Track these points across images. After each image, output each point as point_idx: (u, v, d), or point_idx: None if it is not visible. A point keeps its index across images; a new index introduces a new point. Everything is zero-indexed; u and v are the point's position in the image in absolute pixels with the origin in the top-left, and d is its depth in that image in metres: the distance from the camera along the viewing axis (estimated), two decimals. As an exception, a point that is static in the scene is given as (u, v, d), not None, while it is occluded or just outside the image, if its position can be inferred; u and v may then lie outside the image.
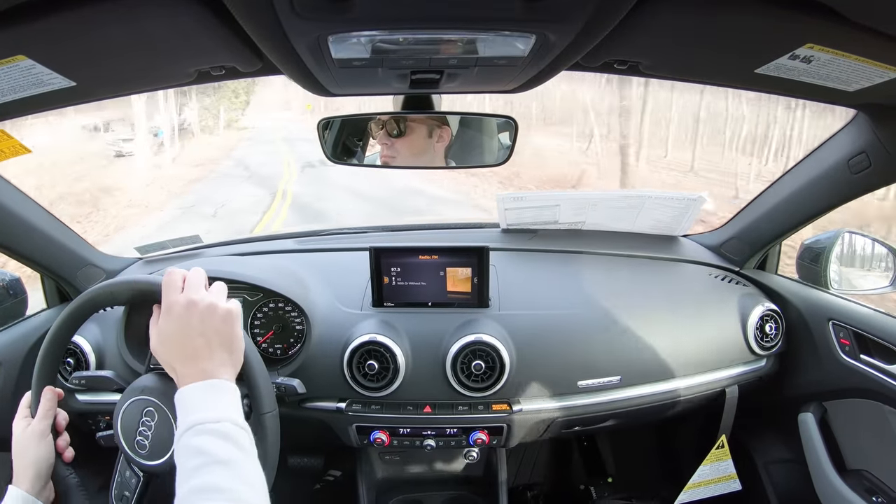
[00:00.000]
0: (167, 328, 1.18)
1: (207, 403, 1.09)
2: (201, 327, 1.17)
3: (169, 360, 1.17)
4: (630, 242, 2.22)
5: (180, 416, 1.08)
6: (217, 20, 0.94)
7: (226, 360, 1.18)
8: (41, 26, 0.87)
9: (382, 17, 0.92)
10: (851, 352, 1.87)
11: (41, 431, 1.31)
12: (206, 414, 1.06)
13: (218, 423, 1.05)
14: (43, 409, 1.33)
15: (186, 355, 1.15)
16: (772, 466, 2.25)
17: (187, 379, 1.12)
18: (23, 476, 1.26)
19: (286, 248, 2.29)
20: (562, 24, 0.93)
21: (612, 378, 1.84)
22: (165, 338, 1.18)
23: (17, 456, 1.29)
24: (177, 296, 1.20)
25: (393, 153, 1.72)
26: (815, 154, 1.82)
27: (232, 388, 1.14)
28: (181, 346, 1.16)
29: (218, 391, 1.12)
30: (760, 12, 0.91)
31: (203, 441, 1.01)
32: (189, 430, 1.03)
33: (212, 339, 1.18)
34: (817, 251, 2.01)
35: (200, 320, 1.18)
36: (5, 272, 1.97)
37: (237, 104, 43.97)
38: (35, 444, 1.29)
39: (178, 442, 1.04)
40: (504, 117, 1.67)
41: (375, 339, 1.76)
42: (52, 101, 1.20)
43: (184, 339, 1.16)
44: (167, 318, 1.18)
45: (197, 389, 1.11)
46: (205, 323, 1.18)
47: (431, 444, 1.87)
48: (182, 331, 1.17)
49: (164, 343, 1.18)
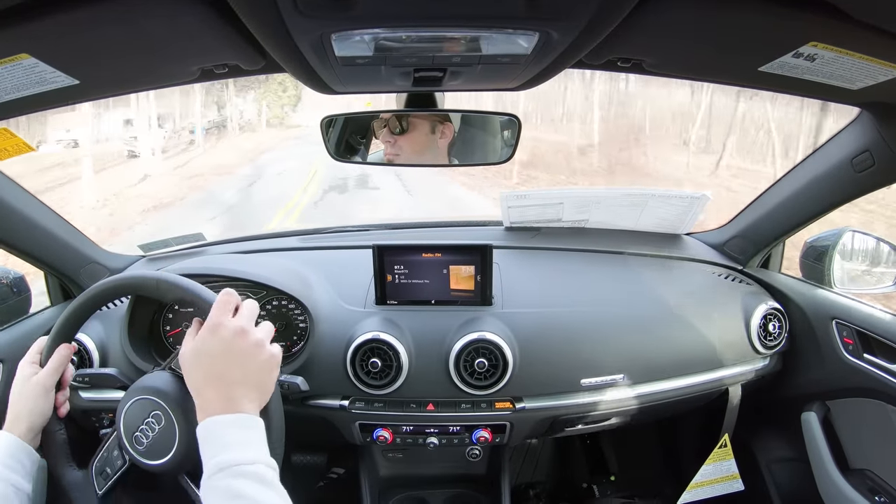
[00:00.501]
0: (208, 346, 1.16)
1: (240, 441, 1.07)
2: (243, 359, 1.16)
3: (198, 377, 1.15)
4: (633, 240, 2.22)
5: (208, 450, 1.06)
6: (220, 18, 0.94)
7: (254, 398, 1.17)
8: (44, 25, 0.87)
9: (385, 14, 0.92)
10: (855, 351, 1.86)
11: (47, 386, 1.31)
12: (241, 454, 1.04)
13: (253, 465, 1.03)
14: (54, 364, 1.33)
15: (220, 379, 1.13)
16: (774, 465, 2.25)
17: (213, 405, 1.10)
18: (16, 424, 1.25)
19: (289, 245, 2.29)
20: (565, 22, 0.93)
21: (615, 376, 1.84)
22: (203, 355, 1.16)
23: (14, 401, 1.29)
24: (228, 318, 1.19)
25: (396, 151, 1.72)
26: (818, 152, 1.81)
27: (260, 425, 1.13)
28: (218, 369, 1.14)
29: (247, 428, 1.10)
30: (764, 10, 0.91)
31: (241, 485, 1.00)
32: (222, 470, 1.02)
33: (249, 375, 1.17)
34: (821, 250, 2.01)
35: (244, 352, 1.17)
36: (9, 270, 1.98)
37: (284, 99, 40.52)
38: (36, 397, 1.28)
39: (208, 481, 1.02)
40: (507, 115, 1.67)
41: (378, 336, 1.76)
42: (56, 99, 1.20)
43: (224, 363, 1.15)
44: (211, 335, 1.16)
45: (227, 424, 1.09)
46: (247, 356, 1.17)
47: (434, 441, 1.88)
48: (223, 354, 1.15)
49: (199, 359, 1.16)
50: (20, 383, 1.30)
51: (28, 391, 1.28)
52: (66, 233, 1.98)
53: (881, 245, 1.98)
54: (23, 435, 1.25)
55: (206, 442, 1.07)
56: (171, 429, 1.26)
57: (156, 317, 1.93)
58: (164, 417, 1.26)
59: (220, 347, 1.15)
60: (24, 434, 1.25)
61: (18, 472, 1.21)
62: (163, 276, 1.34)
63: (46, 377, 1.31)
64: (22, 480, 1.21)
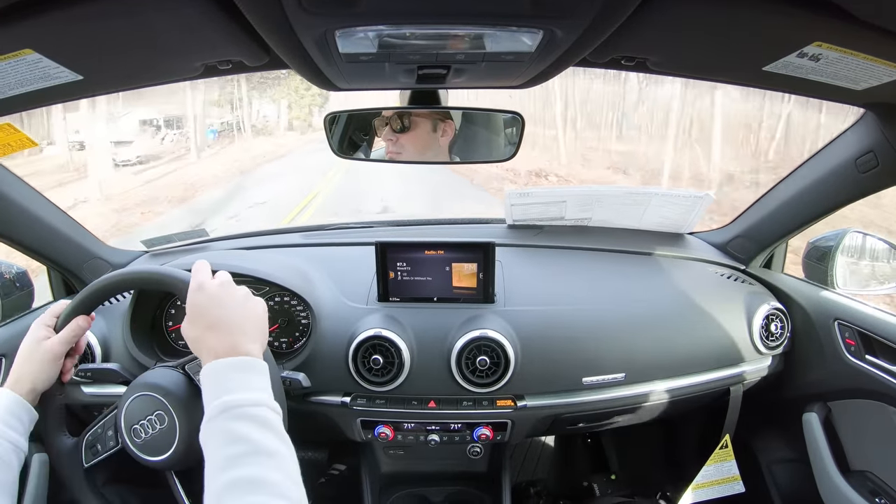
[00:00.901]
0: (199, 301, 1.16)
1: (242, 383, 1.06)
2: (236, 306, 1.17)
3: (197, 331, 1.14)
4: (636, 239, 2.22)
5: (210, 392, 1.05)
6: (224, 14, 0.94)
7: (257, 338, 1.17)
8: (48, 20, 0.88)
9: (389, 11, 0.92)
10: (857, 352, 1.86)
11: (57, 353, 1.30)
12: (243, 396, 1.03)
13: (256, 406, 1.02)
14: (69, 334, 1.32)
15: (218, 327, 1.13)
16: (775, 466, 2.25)
17: (216, 350, 1.10)
18: (19, 383, 1.25)
19: (292, 242, 2.29)
20: (569, 20, 0.93)
21: (617, 375, 1.84)
22: (197, 311, 1.16)
23: (21, 360, 1.28)
24: (209, 278, 1.20)
25: (398, 149, 1.72)
26: (822, 152, 1.81)
27: (265, 368, 1.12)
28: (214, 318, 1.14)
29: (252, 370, 1.09)
30: (768, 10, 0.91)
31: (242, 427, 0.98)
32: (224, 412, 1.00)
33: (247, 320, 1.17)
34: (824, 250, 2.00)
35: (236, 300, 1.18)
36: (12, 265, 1.98)
37: (308, 98, 37.02)
38: (44, 361, 1.28)
39: (208, 423, 1.01)
40: (511, 113, 1.66)
41: (381, 333, 1.76)
42: (60, 94, 1.21)
43: (219, 311, 1.15)
44: (200, 292, 1.17)
45: (230, 366, 1.08)
46: (240, 304, 1.19)
47: (435, 438, 1.88)
48: (217, 305, 1.15)
49: (195, 317, 1.16)
50: (31, 344, 1.29)
51: (38, 355, 1.28)
52: (69, 228, 1.98)
53: (884, 246, 1.97)
54: (24, 394, 1.24)
55: (209, 384, 1.06)
56: (172, 430, 1.26)
57: (158, 312, 1.94)
58: (167, 418, 1.26)
59: (211, 300, 1.16)
60: (26, 395, 1.25)
61: (17, 430, 1.21)
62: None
63: (59, 344, 1.30)
64: (20, 438, 1.21)
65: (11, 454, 1.18)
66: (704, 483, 2.09)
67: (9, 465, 1.17)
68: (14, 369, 1.27)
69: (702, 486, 2.09)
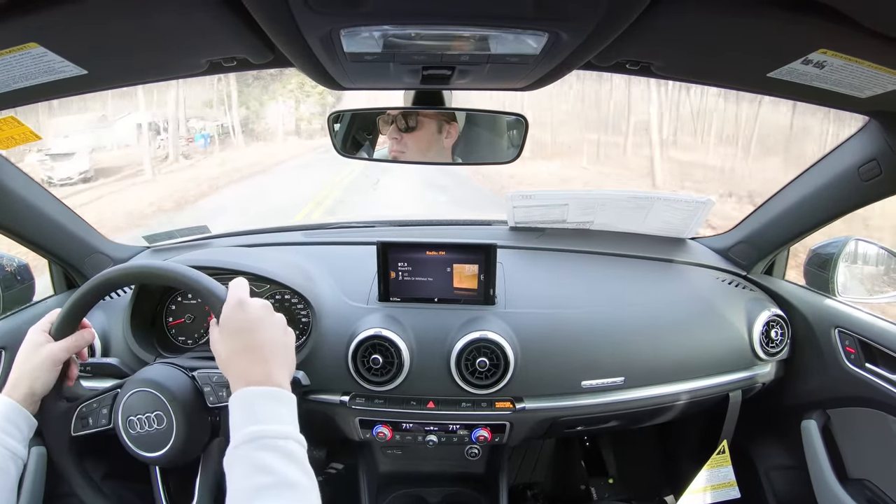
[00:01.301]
0: (239, 319, 1.17)
1: (272, 414, 1.07)
2: (273, 333, 1.18)
3: (231, 350, 1.15)
4: (638, 243, 2.22)
5: (239, 419, 1.06)
6: (229, 12, 0.94)
7: (286, 374, 1.18)
8: (53, 15, 0.88)
9: (395, 11, 0.92)
10: (857, 360, 1.86)
11: (57, 360, 1.29)
12: (273, 427, 1.04)
13: (285, 439, 1.03)
14: (70, 343, 1.32)
15: (254, 352, 1.14)
16: (773, 473, 2.25)
17: (248, 377, 1.10)
18: (17, 389, 1.24)
19: (293, 240, 2.29)
20: (574, 24, 0.93)
21: (616, 379, 1.84)
22: (235, 328, 1.16)
23: (19, 365, 1.27)
24: (248, 297, 1.21)
25: (402, 148, 1.72)
26: (825, 160, 1.81)
27: (293, 401, 1.13)
28: (251, 341, 1.15)
29: (282, 402, 1.10)
30: (773, 16, 0.91)
31: (270, 458, 1.00)
32: (252, 441, 1.01)
33: (279, 350, 1.18)
34: (825, 258, 2.00)
35: (273, 326, 1.19)
36: (13, 258, 1.98)
37: (317, 97, 32.46)
38: (44, 367, 1.27)
39: (236, 449, 1.01)
40: (514, 115, 1.67)
41: (381, 333, 1.76)
42: (64, 88, 1.21)
43: (257, 335, 1.16)
44: (240, 310, 1.17)
45: (262, 395, 1.09)
46: (276, 330, 1.20)
47: (434, 439, 1.88)
48: (256, 328, 1.16)
49: (232, 333, 1.16)
50: (30, 349, 1.29)
51: (38, 360, 1.27)
52: (71, 222, 1.99)
53: (886, 254, 1.97)
54: (22, 400, 1.24)
55: (239, 411, 1.07)
56: (169, 432, 1.27)
57: (158, 307, 1.94)
58: (166, 420, 1.27)
59: (251, 322, 1.16)
60: (24, 399, 1.24)
61: (15, 437, 1.20)
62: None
63: (60, 352, 1.30)
64: (18, 445, 1.20)
65: (9, 461, 1.18)
66: (700, 488, 2.09)
67: (6, 472, 1.17)
68: (13, 374, 1.27)
69: (697, 491, 2.08)
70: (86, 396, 1.36)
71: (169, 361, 1.41)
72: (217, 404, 1.33)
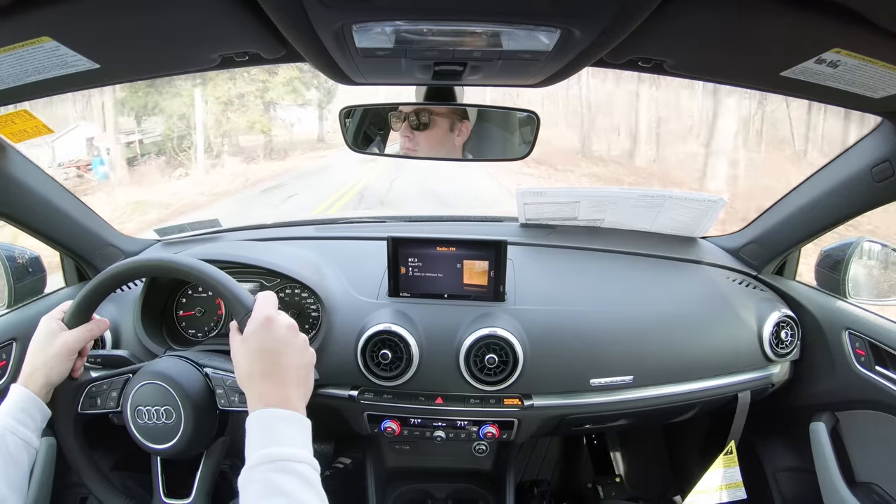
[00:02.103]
0: (263, 338, 1.17)
1: (290, 437, 1.08)
2: (295, 356, 1.19)
3: (252, 372, 1.15)
4: (648, 242, 2.21)
5: (256, 439, 1.06)
6: (241, 7, 0.95)
7: (303, 398, 1.18)
8: (66, 9, 0.88)
9: (406, 7, 0.92)
10: (867, 362, 1.85)
11: (72, 349, 1.31)
12: (290, 450, 1.05)
13: (300, 463, 1.04)
14: (85, 332, 1.34)
15: (275, 374, 1.15)
16: (780, 474, 2.24)
17: (267, 398, 1.11)
18: (32, 378, 1.26)
19: (304, 234, 2.29)
20: (587, 20, 0.93)
21: (625, 378, 1.84)
22: (258, 348, 1.17)
23: (34, 354, 1.29)
24: (277, 313, 1.21)
25: (414, 145, 1.73)
26: (837, 160, 1.79)
27: (308, 426, 1.14)
28: (274, 363, 1.16)
29: (298, 426, 1.11)
30: (787, 15, 0.91)
31: (285, 481, 1.00)
32: (269, 462, 1.02)
33: (300, 374, 1.19)
34: (837, 259, 1.99)
35: (297, 350, 1.20)
36: (25, 250, 1.99)
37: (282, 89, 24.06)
38: (59, 356, 1.29)
39: (252, 470, 1.02)
40: (526, 111, 1.67)
41: (390, 328, 1.77)
42: (77, 82, 1.22)
43: (280, 357, 1.16)
44: (266, 329, 1.17)
45: (280, 418, 1.10)
46: (299, 353, 1.20)
47: (441, 435, 1.89)
48: (280, 350, 1.17)
49: (254, 354, 1.16)
50: (44, 338, 1.30)
51: (53, 351, 1.28)
52: (83, 215, 1.99)
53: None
54: (37, 390, 1.25)
55: (257, 432, 1.08)
56: (177, 427, 1.29)
57: (169, 300, 1.95)
58: (175, 415, 1.30)
59: (276, 342, 1.17)
60: (39, 389, 1.26)
61: (28, 427, 1.22)
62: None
63: (75, 341, 1.31)
64: (31, 435, 1.22)
65: (22, 450, 1.19)
66: (706, 489, 2.09)
67: (19, 461, 1.19)
68: (27, 363, 1.28)
69: (703, 492, 2.08)
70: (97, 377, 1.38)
71: (180, 354, 1.42)
72: (228, 408, 1.35)
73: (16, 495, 1.16)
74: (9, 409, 1.21)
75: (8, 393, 1.24)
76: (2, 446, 1.16)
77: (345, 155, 16.44)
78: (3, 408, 1.22)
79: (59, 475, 1.83)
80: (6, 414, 1.21)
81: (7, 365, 1.78)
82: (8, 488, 1.15)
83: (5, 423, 1.19)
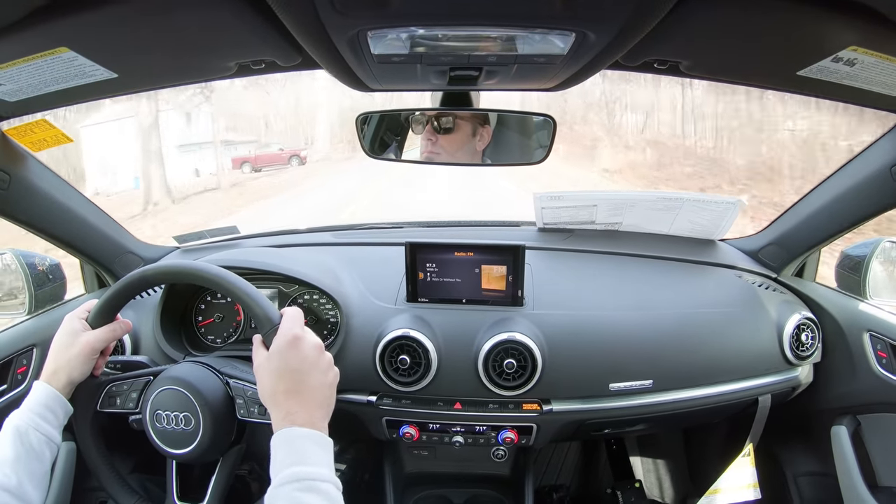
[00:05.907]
0: (290, 357, 1.18)
1: (315, 457, 1.09)
2: (320, 376, 1.20)
3: (278, 391, 1.16)
4: (667, 245, 2.20)
5: (283, 458, 1.08)
6: (257, 15, 0.96)
7: (326, 418, 1.20)
8: (84, 19, 0.90)
9: (421, 13, 0.93)
10: (888, 365, 1.83)
11: (96, 348, 1.33)
12: (315, 469, 1.07)
13: (325, 482, 1.06)
14: (108, 333, 1.35)
15: (301, 394, 1.16)
16: (801, 479, 2.22)
17: (294, 418, 1.13)
18: (55, 376, 1.28)
19: (322, 241, 2.31)
20: (601, 23, 0.93)
21: (644, 382, 1.83)
22: (284, 366, 1.18)
23: (58, 353, 1.30)
24: (304, 331, 1.22)
25: (436, 150, 1.74)
26: (856, 160, 1.78)
27: (331, 446, 1.15)
28: (302, 384, 1.17)
29: (323, 446, 1.13)
30: (803, 14, 0.91)
31: (312, 500, 1.02)
32: (296, 481, 1.04)
33: (324, 394, 1.21)
34: (857, 260, 1.97)
35: (322, 370, 1.21)
36: (46, 257, 2.02)
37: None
38: (82, 355, 1.30)
39: (278, 488, 1.04)
40: (542, 115, 1.67)
41: (408, 333, 1.77)
42: (95, 91, 1.23)
43: (307, 378, 1.18)
44: (293, 348, 1.18)
45: (307, 437, 1.11)
46: (324, 374, 1.22)
47: (460, 440, 1.88)
48: (307, 370, 1.18)
49: (281, 373, 1.17)
50: (67, 338, 1.32)
51: (76, 350, 1.30)
52: (103, 223, 2.01)
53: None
54: (60, 387, 1.27)
55: (284, 450, 1.09)
56: (195, 434, 1.31)
57: (188, 306, 1.96)
58: (194, 422, 1.31)
59: (303, 362, 1.18)
60: (62, 387, 1.28)
61: (52, 424, 1.24)
62: (249, 288, 1.33)
63: (98, 340, 1.33)
64: (54, 431, 1.24)
65: (45, 447, 1.21)
66: (719, 489, 2.07)
67: (42, 457, 1.20)
68: (50, 360, 1.30)
69: (715, 492, 2.06)
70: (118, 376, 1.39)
71: (201, 361, 1.43)
72: (247, 419, 1.36)
73: (37, 491, 1.18)
74: (31, 406, 1.23)
75: (31, 390, 1.26)
76: (25, 442, 1.18)
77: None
78: (26, 404, 1.24)
79: (79, 479, 1.85)
80: (29, 410, 1.23)
81: (28, 370, 1.80)
82: (30, 483, 1.17)
83: (28, 419, 1.21)
